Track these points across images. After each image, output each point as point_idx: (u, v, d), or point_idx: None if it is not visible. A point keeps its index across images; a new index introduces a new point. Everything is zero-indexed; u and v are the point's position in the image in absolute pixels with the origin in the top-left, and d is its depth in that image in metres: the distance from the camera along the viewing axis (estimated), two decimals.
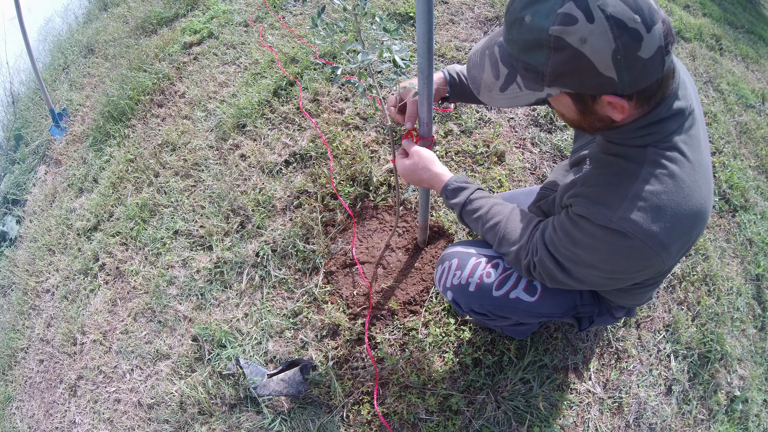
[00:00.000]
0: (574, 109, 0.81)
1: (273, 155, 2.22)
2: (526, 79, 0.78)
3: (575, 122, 0.86)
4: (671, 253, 0.81)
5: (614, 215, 0.79)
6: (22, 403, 2.17)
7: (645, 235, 0.78)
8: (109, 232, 2.35)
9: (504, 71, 0.81)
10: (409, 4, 2.74)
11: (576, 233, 0.87)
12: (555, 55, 0.71)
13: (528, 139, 2.17)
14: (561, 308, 1.19)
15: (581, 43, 0.68)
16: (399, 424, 1.51)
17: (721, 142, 2.44)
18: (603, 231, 0.82)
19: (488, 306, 1.16)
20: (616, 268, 0.86)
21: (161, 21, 3.50)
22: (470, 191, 1.14)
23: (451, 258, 1.21)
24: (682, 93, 0.82)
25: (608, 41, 0.67)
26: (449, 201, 1.16)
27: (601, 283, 0.94)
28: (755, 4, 4.82)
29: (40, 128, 3.42)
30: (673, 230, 0.79)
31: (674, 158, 0.80)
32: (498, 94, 0.84)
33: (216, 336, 1.75)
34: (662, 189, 0.79)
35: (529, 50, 0.74)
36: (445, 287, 1.22)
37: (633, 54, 0.68)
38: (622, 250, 0.81)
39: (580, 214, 0.86)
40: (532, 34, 0.71)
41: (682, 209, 0.79)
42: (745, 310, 1.90)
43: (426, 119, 1.16)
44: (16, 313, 2.46)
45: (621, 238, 0.80)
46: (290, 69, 2.55)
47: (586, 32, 0.67)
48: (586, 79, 0.72)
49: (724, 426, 1.62)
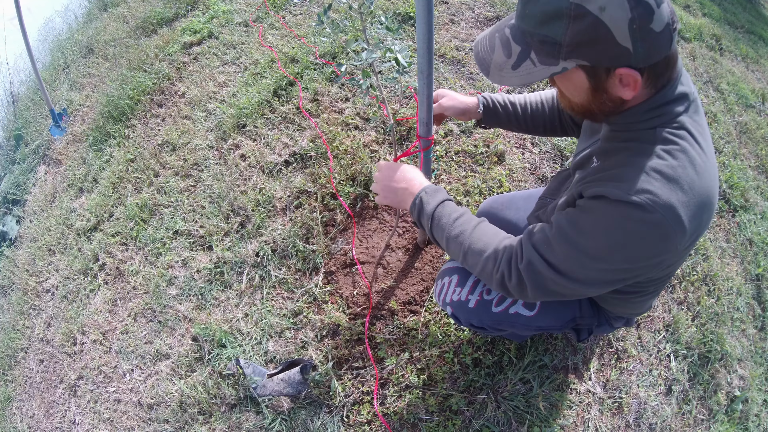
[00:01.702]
0: (587, 86, 0.81)
1: (273, 155, 2.22)
2: (541, 53, 0.78)
3: (584, 105, 0.85)
4: (686, 233, 0.78)
5: (631, 188, 0.77)
6: (22, 403, 2.17)
7: (664, 207, 0.75)
8: (109, 232, 2.35)
9: (517, 49, 0.81)
10: (409, 4, 2.74)
11: (587, 220, 0.83)
12: (574, 24, 0.72)
13: (528, 139, 2.17)
14: (560, 321, 1.19)
15: (600, 11, 0.70)
16: (399, 424, 1.51)
17: (721, 142, 2.44)
18: (619, 206, 0.78)
19: (487, 321, 1.17)
20: (628, 256, 0.81)
21: (161, 21, 3.50)
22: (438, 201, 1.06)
23: (451, 274, 1.22)
24: (685, 80, 0.84)
25: (625, 10, 0.69)
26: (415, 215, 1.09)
27: (604, 280, 0.86)
28: (755, 4, 4.82)
29: (40, 128, 3.42)
30: (689, 206, 0.77)
31: (684, 136, 0.80)
32: (509, 73, 0.83)
33: (216, 336, 1.75)
34: (676, 163, 0.78)
35: (547, 22, 0.75)
36: (444, 302, 1.23)
37: (646, 26, 0.70)
38: (640, 228, 0.77)
39: (594, 196, 0.82)
40: (551, 4, 0.73)
41: (695, 185, 0.78)
42: (745, 310, 1.90)
43: (426, 119, 1.16)
44: (16, 313, 2.46)
45: (639, 210, 0.76)
46: (290, 69, 2.55)
47: (605, 1, 0.69)
48: (604, 49, 0.73)
49: (724, 426, 1.62)
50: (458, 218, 1.02)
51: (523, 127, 1.33)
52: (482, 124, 1.37)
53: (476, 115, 1.32)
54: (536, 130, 1.33)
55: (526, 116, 1.30)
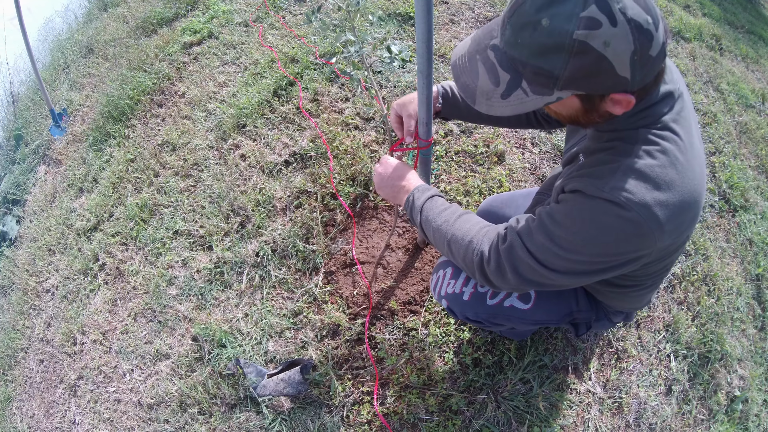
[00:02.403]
0: (578, 107, 0.80)
1: (273, 155, 2.22)
2: (535, 83, 0.75)
3: (573, 119, 0.85)
4: (663, 232, 0.78)
5: (607, 185, 0.78)
6: (22, 403, 2.17)
7: (639, 206, 0.76)
8: (109, 232, 2.35)
9: (505, 77, 0.77)
10: (409, 4, 2.74)
11: (563, 211, 0.84)
12: (575, 59, 0.69)
13: (528, 139, 2.17)
14: (556, 314, 1.19)
15: (605, 47, 0.67)
16: (399, 424, 1.51)
17: (721, 142, 2.44)
18: (595, 202, 0.79)
19: (483, 314, 1.17)
20: (603, 250, 0.81)
21: (161, 21, 3.50)
22: (427, 196, 1.09)
23: (445, 267, 1.23)
24: (669, 77, 0.83)
25: (629, 43, 0.67)
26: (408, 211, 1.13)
27: (580, 272, 0.86)
28: (755, 4, 4.82)
29: (40, 128, 3.42)
30: (667, 206, 0.77)
31: (666, 137, 0.80)
32: (499, 102, 0.79)
33: (216, 336, 1.75)
34: (656, 163, 0.78)
35: (543, 54, 0.71)
36: (440, 295, 1.24)
37: (646, 53, 0.69)
38: (614, 223, 0.78)
39: (572, 190, 0.84)
40: (551, 38, 0.69)
41: (675, 185, 0.78)
42: (745, 310, 1.90)
43: (425, 119, 1.16)
44: (16, 313, 2.46)
45: (615, 207, 0.77)
46: (290, 69, 2.55)
47: (610, 35, 0.67)
48: (603, 80, 0.72)
49: (724, 426, 1.62)
50: (444, 210, 1.04)
51: (485, 119, 1.29)
52: (442, 115, 1.29)
53: (435, 108, 1.25)
54: (500, 122, 1.30)
55: None
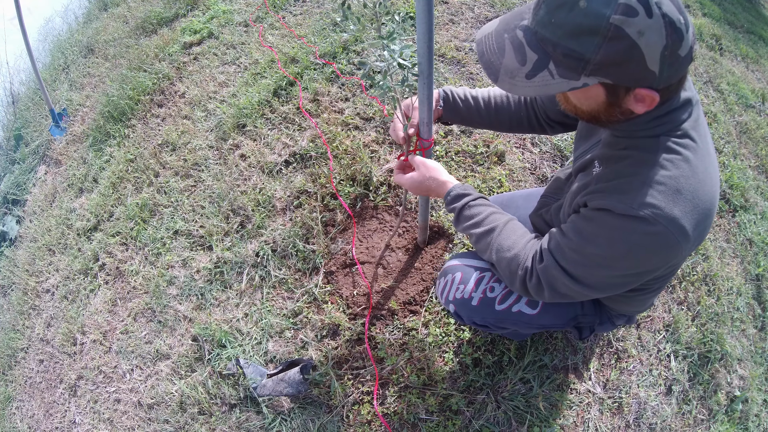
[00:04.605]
0: (602, 99, 0.79)
1: (273, 155, 2.22)
2: (562, 66, 0.74)
3: (593, 114, 0.83)
4: (689, 241, 0.79)
5: (635, 201, 0.78)
6: (22, 403, 2.17)
7: (667, 220, 0.76)
8: (109, 232, 2.35)
9: (533, 57, 0.75)
10: (409, 4, 2.74)
11: (591, 230, 0.84)
12: (609, 44, 0.69)
13: (528, 139, 2.17)
14: (562, 319, 1.19)
15: (639, 36, 0.68)
16: (399, 424, 1.51)
17: (721, 142, 2.44)
18: (624, 220, 0.79)
19: (490, 319, 1.17)
20: (634, 263, 0.83)
21: (161, 21, 3.50)
22: (471, 198, 1.11)
23: (454, 271, 1.22)
24: (688, 84, 0.83)
25: (661, 37, 0.68)
26: (448, 206, 1.15)
27: (613, 285, 0.90)
28: (755, 4, 4.82)
29: (40, 128, 3.42)
30: (692, 215, 0.78)
31: (687, 145, 0.80)
32: (523, 81, 0.77)
33: (216, 336, 1.75)
34: (679, 173, 0.78)
35: (577, 36, 0.70)
36: (447, 300, 1.23)
37: (676, 52, 0.70)
38: (644, 240, 0.79)
39: (598, 208, 0.84)
40: (587, 19, 0.68)
41: (698, 194, 0.78)
42: (745, 310, 1.90)
43: (426, 119, 1.16)
44: (16, 313, 2.46)
45: (643, 224, 0.77)
46: (290, 69, 2.55)
47: (645, 26, 0.67)
48: (632, 71, 0.71)
49: (724, 426, 1.62)
50: (490, 215, 1.06)
51: (486, 123, 1.28)
52: (443, 120, 1.29)
53: (436, 112, 1.25)
54: (501, 126, 1.29)
55: (490, 111, 1.25)
